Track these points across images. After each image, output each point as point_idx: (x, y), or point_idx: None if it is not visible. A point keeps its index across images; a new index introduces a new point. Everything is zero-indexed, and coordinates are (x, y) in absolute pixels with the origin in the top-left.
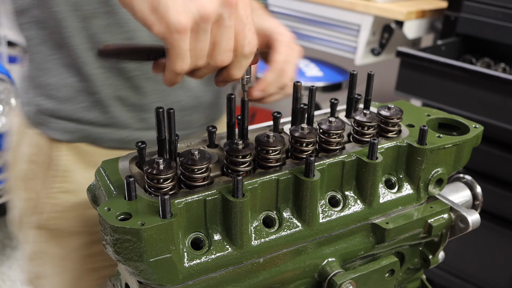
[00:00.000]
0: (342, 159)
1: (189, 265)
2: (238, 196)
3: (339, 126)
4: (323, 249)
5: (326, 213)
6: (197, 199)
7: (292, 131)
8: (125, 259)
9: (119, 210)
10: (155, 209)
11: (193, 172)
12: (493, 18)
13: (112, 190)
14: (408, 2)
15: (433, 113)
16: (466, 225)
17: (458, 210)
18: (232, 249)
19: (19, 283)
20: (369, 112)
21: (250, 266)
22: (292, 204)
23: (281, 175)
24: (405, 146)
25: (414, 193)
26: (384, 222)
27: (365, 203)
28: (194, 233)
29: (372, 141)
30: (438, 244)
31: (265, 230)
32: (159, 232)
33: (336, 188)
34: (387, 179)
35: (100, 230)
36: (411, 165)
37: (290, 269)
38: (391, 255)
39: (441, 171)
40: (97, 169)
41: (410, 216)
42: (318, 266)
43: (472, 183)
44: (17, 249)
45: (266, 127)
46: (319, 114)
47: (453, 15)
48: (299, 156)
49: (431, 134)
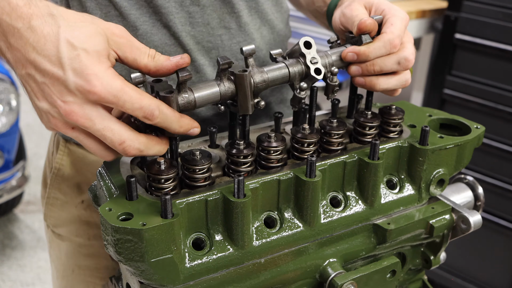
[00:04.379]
0: (344, 160)
1: (190, 266)
2: (239, 196)
3: (340, 126)
4: (324, 249)
5: (327, 213)
6: (198, 199)
7: (294, 131)
8: (126, 260)
9: (120, 210)
10: (157, 209)
11: (194, 172)
12: (493, 18)
13: (114, 190)
14: (408, 2)
15: (435, 113)
16: (468, 226)
17: (460, 211)
18: (234, 250)
19: (19, 283)
20: (370, 113)
21: (251, 267)
22: (294, 205)
23: (282, 175)
24: (407, 146)
25: (415, 193)
26: (385, 223)
27: (366, 204)
28: (195, 234)
29: (373, 142)
30: (439, 245)
31: (266, 230)
32: (160, 232)
33: (338, 189)
34: (388, 180)
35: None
36: (412, 165)
37: (291, 270)
38: (392, 256)
39: (442, 172)
40: (98, 170)
41: (411, 216)
42: (320, 266)
43: (474, 184)
44: (17, 249)
45: (268, 128)
46: (320, 114)
47: (453, 15)
48: (301, 157)
49: (433, 134)
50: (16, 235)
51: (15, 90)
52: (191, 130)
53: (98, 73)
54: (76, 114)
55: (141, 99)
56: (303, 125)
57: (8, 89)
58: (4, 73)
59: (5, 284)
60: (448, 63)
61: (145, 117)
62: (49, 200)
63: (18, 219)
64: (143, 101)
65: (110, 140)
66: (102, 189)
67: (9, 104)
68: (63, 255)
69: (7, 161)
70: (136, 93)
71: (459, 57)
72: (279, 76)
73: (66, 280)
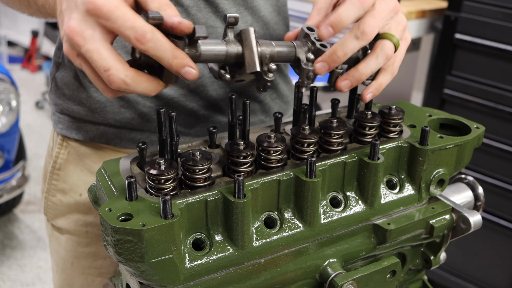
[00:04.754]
0: (344, 160)
1: (190, 266)
2: (239, 196)
3: (341, 126)
4: (324, 250)
5: (327, 213)
6: (198, 199)
7: (294, 131)
8: (126, 260)
9: (120, 210)
10: (156, 210)
11: (194, 172)
12: (493, 18)
13: (113, 190)
14: (408, 2)
15: (435, 113)
16: (468, 226)
17: (460, 211)
18: (234, 250)
19: (19, 283)
20: (370, 113)
21: (251, 267)
22: (294, 205)
23: (282, 175)
24: (407, 146)
25: (415, 193)
26: (385, 223)
27: (366, 204)
28: (195, 234)
29: (373, 142)
30: (439, 245)
31: (266, 230)
32: (160, 232)
33: (338, 189)
34: (388, 180)
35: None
36: (412, 165)
37: (291, 270)
38: (392, 256)
39: (442, 172)
40: (98, 170)
41: (411, 217)
42: (319, 267)
43: (474, 184)
44: (17, 249)
45: (268, 128)
46: (320, 114)
47: (453, 15)
48: (301, 157)
49: (433, 134)
50: (16, 235)
51: (15, 90)
52: (185, 69)
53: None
54: (73, 30)
55: (135, 19)
56: (303, 125)
57: (8, 89)
58: (4, 73)
59: (5, 284)
60: (448, 63)
61: (136, 38)
62: (49, 192)
63: (18, 219)
64: (137, 21)
65: (96, 65)
66: (102, 190)
67: (9, 104)
68: (62, 248)
69: (7, 161)
70: (131, 13)
71: (459, 57)
72: (285, 50)
73: (65, 274)
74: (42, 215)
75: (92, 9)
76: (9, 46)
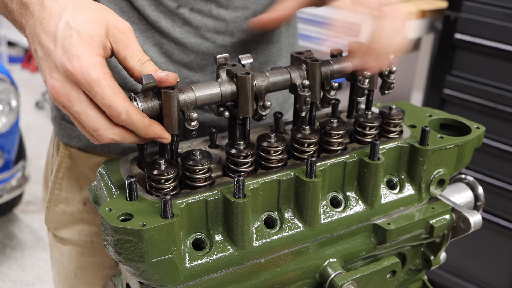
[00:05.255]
0: (344, 160)
1: (190, 266)
2: (239, 196)
3: (341, 126)
4: (325, 249)
5: (327, 213)
6: (198, 199)
7: (294, 131)
8: (126, 260)
9: (120, 210)
10: (157, 210)
11: (194, 172)
12: (493, 18)
13: (114, 190)
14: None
15: (435, 113)
16: (468, 226)
17: (460, 211)
18: (234, 250)
19: (19, 283)
20: (370, 113)
21: (251, 267)
22: (294, 205)
23: (282, 175)
24: (407, 146)
25: (415, 193)
26: (385, 223)
27: (366, 204)
28: (195, 234)
29: (374, 142)
30: (439, 245)
31: (266, 230)
32: (160, 232)
33: (338, 189)
34: (388, 180)
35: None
36: (412, 165)
37: (291, 270)
38: (392, 256)
39: (442, 172)
40: (98, 170)
41: (411, 217)
42: (320, 266)
43: (474, 184)
44: (17, 249)
45: (268, 128)
46: (321, 114)
47: (453, 15)
48: (301, 157)
49: (433, 134)
50: (16, 235)
51: (15, 90)
52: (159, 139)
53: (82, 56)
54: (57, 91)
55: (113, 98)
56: (303, 125)
57: (8, 89)
58: (4, 73)
59: (5, 284)
60: (448, 63)
61: (111, 115)
62: (51, 202)
63: (18, 219)
64: (114, 101)
65: (86, 125)
66: (102, 189)
67: (9, 104)
68: (65, 259)
69: (7, 161)
70: (110, 90)
71: (459, 57)
72: (280, 80)
73: (68, 284)
74: (42, 215)
75: (74, 81)
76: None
